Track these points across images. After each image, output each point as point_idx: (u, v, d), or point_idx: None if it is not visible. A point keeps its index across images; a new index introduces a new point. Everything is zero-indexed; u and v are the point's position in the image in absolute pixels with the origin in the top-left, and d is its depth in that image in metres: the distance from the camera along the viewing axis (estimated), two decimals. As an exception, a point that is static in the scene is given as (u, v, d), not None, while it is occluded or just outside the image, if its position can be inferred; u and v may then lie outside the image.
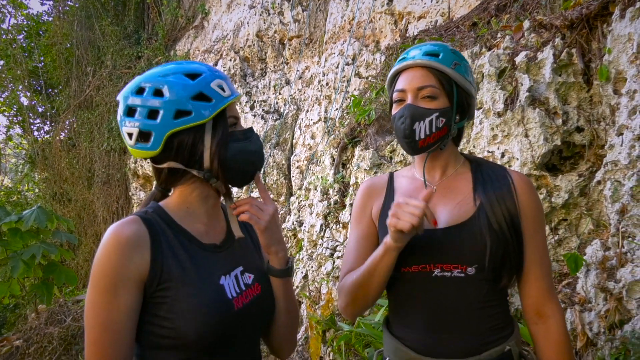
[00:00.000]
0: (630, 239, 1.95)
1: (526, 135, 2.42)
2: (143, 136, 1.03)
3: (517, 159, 2.43)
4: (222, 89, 1.06)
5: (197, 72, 1.05)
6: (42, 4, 17.00)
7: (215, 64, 7.33)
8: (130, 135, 1.04)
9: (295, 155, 5.81)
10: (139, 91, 1.03)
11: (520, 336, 1.22)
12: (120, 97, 1.06)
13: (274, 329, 1.23)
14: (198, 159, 1.06)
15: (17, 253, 4.36)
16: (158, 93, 1.02)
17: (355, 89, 5.00)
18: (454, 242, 1.15)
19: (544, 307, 1.18)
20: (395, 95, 1.24)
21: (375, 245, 1.25)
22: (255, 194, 6.01)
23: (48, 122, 9.86)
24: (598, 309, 2.01)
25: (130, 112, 1.03)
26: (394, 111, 1.24)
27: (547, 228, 2.37)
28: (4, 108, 10.39)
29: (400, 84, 1.23)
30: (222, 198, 1.19)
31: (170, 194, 1.16)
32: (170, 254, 1.03)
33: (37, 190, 10.54)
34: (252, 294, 1.13)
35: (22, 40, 10.23)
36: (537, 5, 3.00)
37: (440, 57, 1.19)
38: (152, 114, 1.01)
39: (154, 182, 1.18)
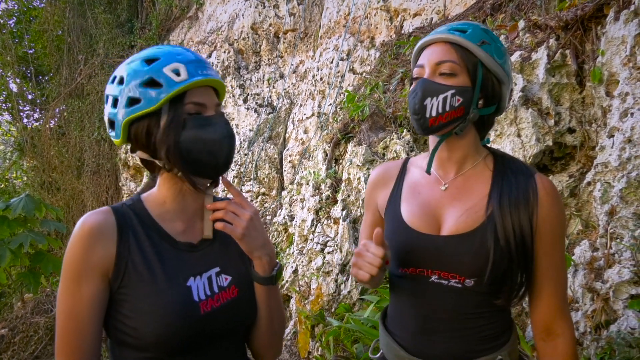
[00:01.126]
0: (618, 240, 1.97)
1: (518, 135, 2.43)
2: (111, 125, 1.03)
3: (509, 158, 2.44)
4: (177, 74, 0.98)
5: (154, 57, 1.00)
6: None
7: (209, 56, 7.27)
8: (107, 123, 1.05)
9: (287, 149, 5.79)
10: (112, 79, 1.03)
11: (517, 344, 1.17)
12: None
13: (256, 334, 1.15)
14: (155, 149, 1.01)
15: (4, 241, 4.30)
16: (120, 81, 1.00)
17: (349, 85, 4.99)
18: (455, 253, 1.08)
19: (553, 325, 1.10)
20: (414, 72, 1.13)
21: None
22: (244, 189, 6.00)
23: (37, 110, 9.72)
24: (585, 308, 2.03)
25: (107, 100, 1.04)
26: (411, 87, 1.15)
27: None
28: (-7, 94, 10.24)
29: (420, 60, 1.13)
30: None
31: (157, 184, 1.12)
32: (137, 251, 0.99)
33: (25, 178, 10.42)
34: (225, 297, 1.06)
35: (12, 26, 10.06)
36: (532, 6, 3.01)
37: (467, 33, 1.08)
38: (114, 102, 1.01)
39: (145, 173, 1.14)
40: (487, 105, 1.12)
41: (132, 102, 0.98)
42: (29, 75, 9.64)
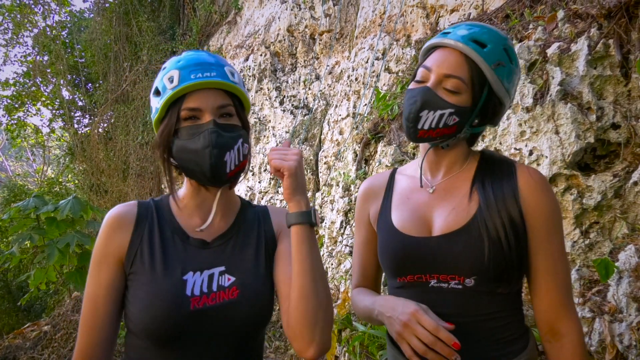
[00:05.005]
0: (667, 245, 1.80)
1: (556, 132, 2.28)
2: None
3: (546, 157, 2.29)
4: (171, 81, 1.01)
5: (164, 67, 1.07)
6: (84, 1, 17.65)
7: (247, 59, 7.36)
8: None
9: (323, 150, 5.75)
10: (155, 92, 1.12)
11: (536, 354, 1.09)
12: None
13: (296, 306, 0.99)
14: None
15: (53, 241, 4.51)
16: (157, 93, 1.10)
17: (384, 84, 4.90)
18: (449, 252, 1.03)
19: (557, 324, 1.02)
20: (419, 72, 1.08)
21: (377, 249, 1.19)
22: (280, 191, 6.00)
23: (87, 116, 10.19)
24: (630, 319, 1.86)
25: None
26: (411, 86, 1.10)
27: (577, 231, 2.22)
28: (48, 102, 10.83)
29: (429, 60, 1.07)
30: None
31: None
32: (147, 241, 1.05)
33: (76, 181, 10.94)
34: (222, 297, 1.03)
35: (64, 36, 10.60)
36: (574, -5, 2.82)
37: (486, 49, 1.01)
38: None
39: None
40: (482, 124, 1.10)
41: (152, 110, 1.09)
42: (78, 82, 10.12)
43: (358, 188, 3.28)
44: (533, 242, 1.02)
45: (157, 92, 1.05)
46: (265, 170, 6.64)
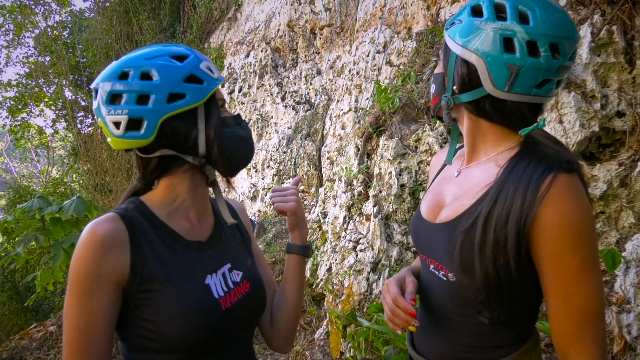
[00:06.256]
0: (675, 234, 1.77)
1: (560, 122, 2.24)
2: (133, 124, 0.95)
3: (550, 147, 2.26)
4: (211, 71, 1.01)
5: (183, 54, 0.99)
6: (84, 0, 17.65)
7: (247, 56, 7.33)
8: (117, 124, 0.95)
9: (325, 145, 5.73)
10: (122, 76, 0.95)
11: None
12: (97, 84, 0.97)
13: (282, 316, 1.22)
14: (192, 145, 1.00)
15: (58, 242, 4.52)
16: (146, 77, 0.95)
17: (386, 77, 4.86)
18: (437, 241, 1.01)
19: (567, 352, 0.89)
20: None
21: None
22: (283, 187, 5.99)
23: (90, 116, 10.20)
24: (638, 310, 1.84)
25: (113, 98, 0.95)
26: None
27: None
28: (51, 102, 10.85)
29: None
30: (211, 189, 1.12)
31: (153, 186, 1.07)
32: (151, 254, 0.96)
33: (81, 181, 10.97)
34: (240, 292, 1.06)
35: (66, 36, 10.61)
36: (576, -19, 2.78)
37: (459, 15, 0.99)
38: (142, 99, 0.94)
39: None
40: (465, 90, 0.98)
41: (173, 97, 0.95)
42: (80, 82, 10.13)
43: (360, 183, 3.25)
44: (542, 259, 0.89)
45: (196, 79, 0.98)
46: (267, 167, 6.62)
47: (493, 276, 0.90)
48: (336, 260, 3.20)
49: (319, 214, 3.81)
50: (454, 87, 1.00)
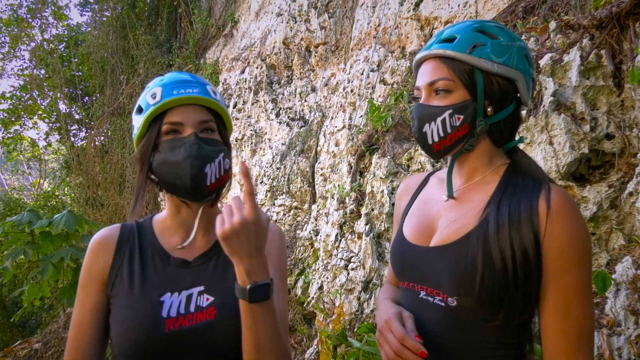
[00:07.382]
0: (664, 257, 1.77)
1: (550, 143, 2.26)
2: None
3: (541, 168, 2.27)
4: (154, 97, 1.03)
5: (147, 87, 1.09)
6: (81, 14, 17.73)
7: (243, 72, 7.37)
8: None
9: (319, 162, 5.74)
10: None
11: None
12: None
13: None
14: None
15: (47, 256, 4.46)
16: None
17: (380, 96, 4.90)
18: (435, 265, 0.97)
19: None
20: (415, 93, 1.07)
21: None
22: (277, 203, 5.97)
23: (84, 129, 10.18)
24: (628, 333, 1.83)
25: None
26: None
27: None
28: (45, 115, 10.83)
29: (417, 80, 1.06)
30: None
31: None
32: (127, 263, 1.05)
33: (72, 194, 10.89)
34: (199, 319, 1.00)
35: (61, 50, 10.63)
36: (566, 6, 2.83)
37: (455, 41, 0.98)
38: None
39: None
40: (498, 110, 1.00)
41: (133, 129, 1.09)
42: (74, 96, 10.13)
43: (353, 200, 3.25)
44: (545, 275, 0.90)
45: (140, 110, 1.05)
46: (261, 183, 6.61)
47: (505, 291, 0.90)
48: (327, 278, 3.19)
49: (311, 231, 3.80)
50: (489, 109, 1.00)
